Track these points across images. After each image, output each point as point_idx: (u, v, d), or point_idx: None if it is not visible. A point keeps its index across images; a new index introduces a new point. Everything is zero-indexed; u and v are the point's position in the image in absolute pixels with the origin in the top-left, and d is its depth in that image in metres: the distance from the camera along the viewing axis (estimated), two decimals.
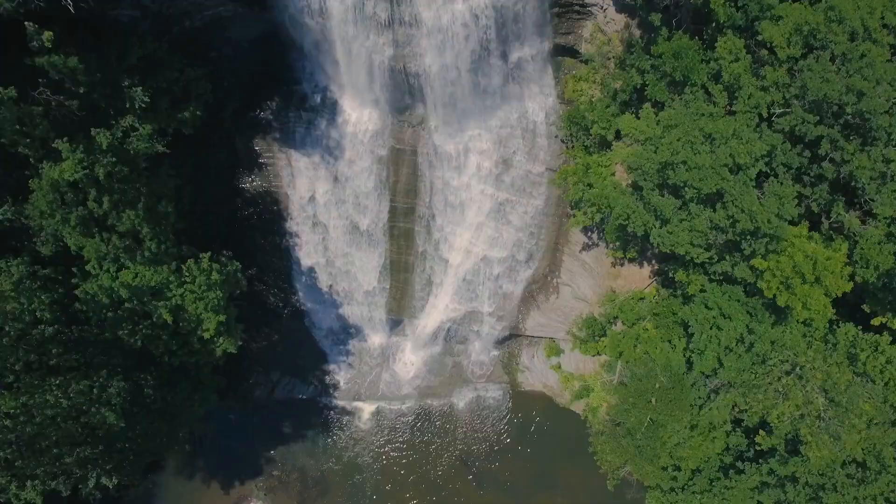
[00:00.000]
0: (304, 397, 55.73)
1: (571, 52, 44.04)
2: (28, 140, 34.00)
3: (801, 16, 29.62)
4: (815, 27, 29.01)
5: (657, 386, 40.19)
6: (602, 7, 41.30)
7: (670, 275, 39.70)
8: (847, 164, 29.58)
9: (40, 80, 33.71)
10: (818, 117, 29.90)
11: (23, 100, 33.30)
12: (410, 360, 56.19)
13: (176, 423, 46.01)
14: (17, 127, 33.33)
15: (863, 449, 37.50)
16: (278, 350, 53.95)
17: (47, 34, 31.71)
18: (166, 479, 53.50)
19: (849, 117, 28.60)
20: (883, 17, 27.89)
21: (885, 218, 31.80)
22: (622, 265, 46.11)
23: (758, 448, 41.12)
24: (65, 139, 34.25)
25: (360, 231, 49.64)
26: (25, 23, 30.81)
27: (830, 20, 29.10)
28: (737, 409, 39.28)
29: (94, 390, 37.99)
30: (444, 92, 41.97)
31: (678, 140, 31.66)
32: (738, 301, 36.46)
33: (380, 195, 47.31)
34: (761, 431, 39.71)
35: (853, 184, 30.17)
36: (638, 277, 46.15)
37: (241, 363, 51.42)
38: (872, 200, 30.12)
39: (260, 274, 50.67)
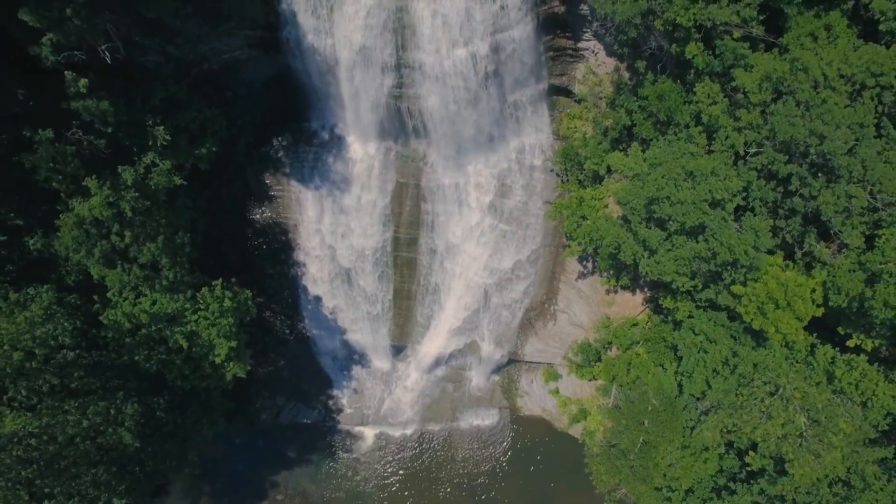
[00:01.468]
0: (309, 422, 58.40)
1: (566, 91, 48.05)
2: (60, 177, 37.59)
3: (770, 65, 33.53)
4: (782, 76, 32.89)
5: (649, 408, 43.10)
6: (593, 51, 45.41)
7: (659, 302, 42.94)
8: (815, 199, 33.18)
9: (74, 122, 37.43)
10: (787, 156, 33.61)
11: (57, 140, 37.01)
12: (413, 386, 59.01)
13: (186, 445, 48.65)
14: (52, 164, 36.96)
15: (847, 468, 40.30)
16: (284, 375, 56.85)
17: (83, 81, 35.58)
18: (172, 502, 55.76)
19: (814, 157, 32.31)
20: (839, 69, 31.78)
21: (856, 248, 35.29)
22: (616, 293, 49.30)
23: (749, 469, 43.75)
24: (93, 177, 37.82)
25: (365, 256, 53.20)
26: (65, 72, 34.63)
27: (796, 69, 32.96)
28: (726, 431, 42.02)
29: (111, 412, 40.80)
30: (446, 129, 45.83)
31: (662, 177, 35.31)
32: (723, 326, 39.69)
33: (384, 226, 50.90)
34: (751, 452, 42.43)
35: (822, 217, 33.69)
36: (631, 304, 49.32)
37: (248, 388, 54.28)
38: (840, 232, 33.66)
39: (268, 301, 53.86)
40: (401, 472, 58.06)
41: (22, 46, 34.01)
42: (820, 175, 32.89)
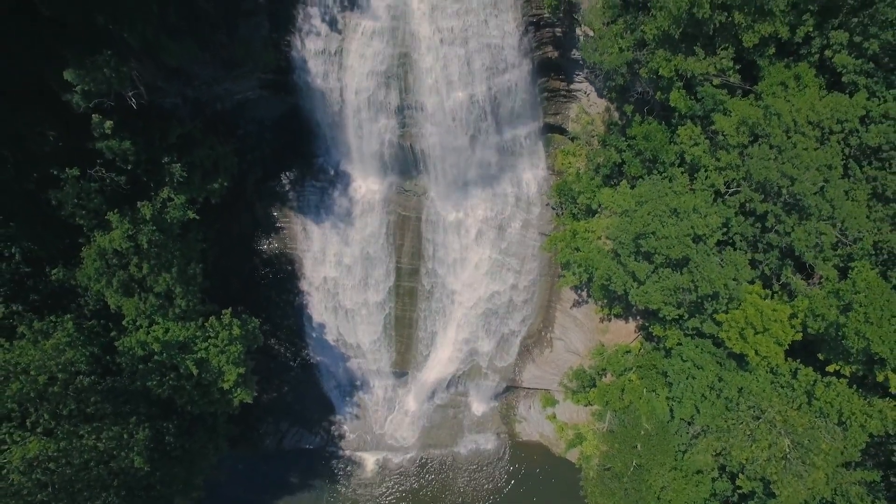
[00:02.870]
0: (311, 447, 60.92)
1: (560, 129, 51.85)
2: (84, 212, 40.92)
3: (746, 111, 37.25)
4: (757, 121, 36.57)
5: (642, 433, 45.89)
6: (585, 92, 49.29)
7: (650, 330, 46.08)
8: (788, 235, 36.61)
9: (98, 161, 40.91)
10: (763, 196, 37.16)
11: (82, 177, 40.41)
12: (413, 412, 61.68)
13: (192, 469, 51.11)
14: (76, 200, 40.31)
15: (833, 489, 43.04)
16: (288, 401, 59.51)
17: (108, 123, 39.19)
18: None
19: (786, 197, 35.84)
20: (807, 116, 35.43)
21: (832, 279, 38.60)
22: (610, 321, 52.38)
23: (740, 492, 46.39)
24: (115, 211, 41.15)
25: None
26: (93, 115, 38.23)
27: (770, 115, 36.66)
28: (715, 454, 44.77)
29: (124, 436, 43.40)
30: (447, 166, 49.47)
31: (648, 213, 38.79)
32: (710, 353, 42.82)
33: (387, 257, 54.18)
34: (741, 475, 45.17)
35: (795, 252, 37.10)
36: (624, 332, 52.39)
37: (252, 413, 56.86)
38: (813, 265, 37.05)
39: (273, 329, 56.83)
40: (402, 496, 60.35)
41: (55, 93, 37.57)
42: (793, 213, 36.36)
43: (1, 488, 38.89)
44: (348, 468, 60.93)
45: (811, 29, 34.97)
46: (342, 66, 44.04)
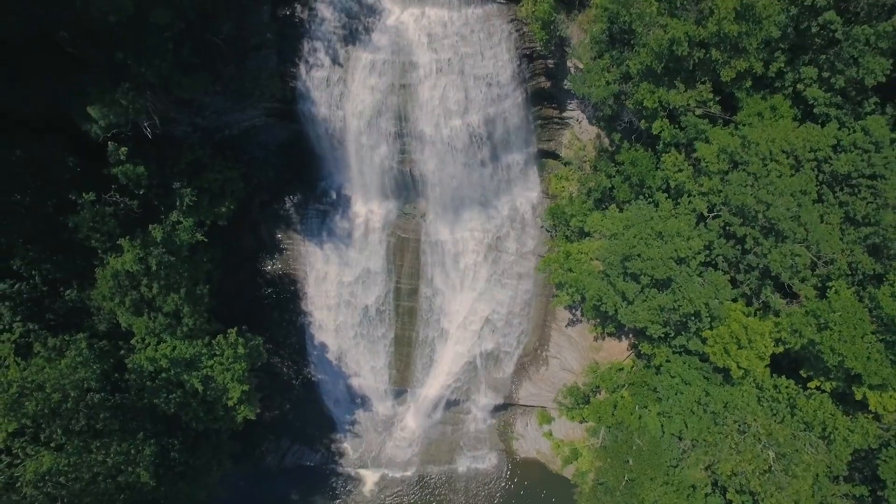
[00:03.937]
0: (312, 464, 63.00)
1: (553, 155, 54.89)
2: (98, 235, 43.72)
3: (726, 140, 40.28)
4: (735, 149, 39.55)
5: (633, 448, 48.13)
6: (577, 119, 52.39)
7: (639, 348, 48.60)
8: (766, 257, 39.36)
9: (112, 186, 43.83)
10: (742, 220, 39.98)
11: (97, 201, 43.28)
12: (412, 429, 63.86)
13: (196, 486, 53.18)
14: (92, 224, 43.14)
15: (819, 502, 45.21)
16: (289, 418, 61.73)
17: (123, 150, 42.25)
18: None
19: (763, 221, 38.65)
20: (781, 146, 38.39)
21: (811, 298, 41.26)
22: (603, 339, 54.89)
23: None
24: (126, 237, 43.95)
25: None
26: (109, 142, 41.26)
27: (748, 143, 39.66)
28: (704, 467, 46.94)
29: (132, 452, 45.64)
30: (444, 190, 52.46)
31: (635, 237, 41.61)
32: (696, 368, 45.30)
33: (386, 277, 56.93)
34: (730, 489, 47.28)
35: (771, 273, 39.83)
36: (617, 350, 54.85)
37: (254, 430, 58.99)
38: (791, 285, 39.75)
39: (276, 348, 59.30)
40: None
41: (75, 122, 40.64)
42: (770, 236, 39.16)
43: (13, 501, 41.12)
44: (348, 486, 62.88)
45: (783, 65, 38.11)
46: (344, 96, 47.17)
